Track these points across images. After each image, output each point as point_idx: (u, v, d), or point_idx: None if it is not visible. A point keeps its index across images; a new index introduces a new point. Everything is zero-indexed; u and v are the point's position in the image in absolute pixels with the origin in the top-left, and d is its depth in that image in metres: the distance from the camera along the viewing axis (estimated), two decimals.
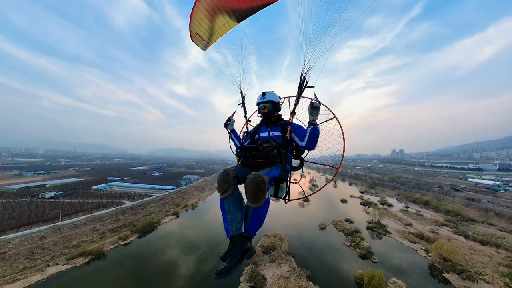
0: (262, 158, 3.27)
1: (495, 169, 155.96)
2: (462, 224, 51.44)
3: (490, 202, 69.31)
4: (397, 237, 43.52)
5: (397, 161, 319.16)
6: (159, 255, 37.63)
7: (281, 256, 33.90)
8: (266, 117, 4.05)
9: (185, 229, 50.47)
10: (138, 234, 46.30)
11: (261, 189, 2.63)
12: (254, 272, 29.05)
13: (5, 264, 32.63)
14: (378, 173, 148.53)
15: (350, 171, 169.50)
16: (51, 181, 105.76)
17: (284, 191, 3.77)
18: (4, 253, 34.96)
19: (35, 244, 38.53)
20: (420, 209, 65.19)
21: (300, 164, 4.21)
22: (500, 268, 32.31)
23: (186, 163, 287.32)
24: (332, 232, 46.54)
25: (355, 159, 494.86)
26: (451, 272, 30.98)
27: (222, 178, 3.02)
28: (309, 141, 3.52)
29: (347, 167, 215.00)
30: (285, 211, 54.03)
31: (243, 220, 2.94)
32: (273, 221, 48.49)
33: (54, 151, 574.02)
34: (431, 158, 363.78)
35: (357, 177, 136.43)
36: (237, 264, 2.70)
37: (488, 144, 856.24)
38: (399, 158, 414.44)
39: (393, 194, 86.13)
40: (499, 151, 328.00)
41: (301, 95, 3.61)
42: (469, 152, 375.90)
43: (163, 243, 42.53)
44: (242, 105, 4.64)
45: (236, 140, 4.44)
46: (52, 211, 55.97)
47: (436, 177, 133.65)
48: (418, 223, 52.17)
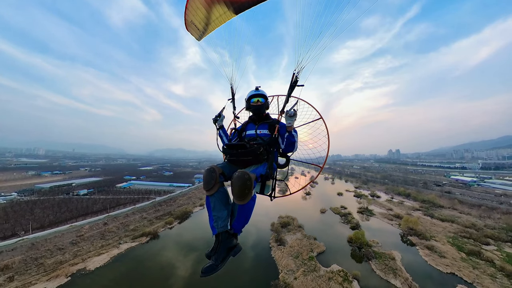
0: (249, 155, 3.27)
1: (478, 167, 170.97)
2: (432, 209, 65.28)
3: (462, 194, 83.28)
4: (380, 217, 57.30)
5: (392, 161, 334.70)
6: (200, 234, 46.29)
7: (295, 228, 47.21)
8: (257, 112, 4.06)
9: None
10: (178, 221, 58.75)
11: (247, 186, 2.62)
12: (278, 237, 42.20)
13: (86, 243, 44.80)
14: (372, 172, 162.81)
15: (347, 170, 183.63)
16: (76, 180, 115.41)
17: (270, 188, 3.80)
18: (82, 235, 47.31)
19: (102, 229, 50.85)
20: (402, 200, 79.07)
21: (286, 162, 4.19)
22: (448, 234, 46.03)
23: (189, 163, 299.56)
24: (330, 215, 60.14)
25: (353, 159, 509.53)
26: (413, 236, 44.55)
27: (208, 175, 3.00)
28: (286, 146, 3.66)
29: (344, 166, 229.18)
30: (292, 201, 67.32)
31: (229, 217, 2.94)
32: (283, 208, 61.44)
33: (54, 152, 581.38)
34: (426, 158, 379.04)
35: (352, 175, 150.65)
36: (223, 261, 2.68)
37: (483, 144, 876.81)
38: (395, 158, 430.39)
39: (383, 188, 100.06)
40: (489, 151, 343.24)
41: (291, 94, 3.68)
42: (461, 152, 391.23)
43: (200, 227, 51.13)
44: (231, 100, 4.56)
45: (224, 137, 4.33)
46: (95, 205, 66.20)
47: (424, 175, 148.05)
48: (398, 208, 65.86)
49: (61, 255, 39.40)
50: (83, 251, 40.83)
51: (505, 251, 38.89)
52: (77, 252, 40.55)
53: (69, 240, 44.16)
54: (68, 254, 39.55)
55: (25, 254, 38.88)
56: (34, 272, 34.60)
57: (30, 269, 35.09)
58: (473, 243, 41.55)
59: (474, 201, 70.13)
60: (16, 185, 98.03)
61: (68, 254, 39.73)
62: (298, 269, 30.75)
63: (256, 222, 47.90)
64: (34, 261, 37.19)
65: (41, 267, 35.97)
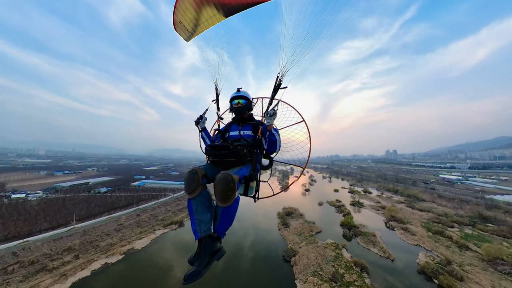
0: (232, 157, 3.25)
1: (467, 167, 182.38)
2: (415, 202, 75.58)
3: (444, 190, 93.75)
4: (369, 208, 67.59)
5: (389, 161, 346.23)
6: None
7: (297, 216, 57.29)
8: (238, 113, 4.05)
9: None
10: None
11: (230, 188, 2.57)
12: (284, 222, 52.17)
13: (127, 230, 54.31)
14: (367, 171, 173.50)
15: (344, 170, 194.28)
16: (91, 179, 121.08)
17: (253, 190, 3.82)
18: (122, 224, 56.81)
19: (136, 219, 60.43)
20: (391, 195, 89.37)
21: (269, 163, 4.22)
22: (422, 220, 56.39)
23: (191, 163, 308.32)
24: (327, 206, 70.34)
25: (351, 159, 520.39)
26: (394, 221, 54.70)
27: (190, 177, 2.92)
28: (268, 146, 3.70)
29: (342, 166, 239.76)
30: (293, 196, 77.42)
31: (212, 220, 2.86)
32: (286, 201, 71.33)
33: (55, 152, 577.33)
34: (422, 159, 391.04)
35: (349, 175, 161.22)
36: (206, 266, 2.60)
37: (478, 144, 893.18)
38: (392, 159, 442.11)
39: (375, 186, 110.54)
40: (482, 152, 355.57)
41: (274, 96, 3.73)
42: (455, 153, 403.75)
43: None
44: (216, 101, 4.59)
45: (207, 139, 4.32)
46: (119, 201, 74.54)
47: (415, 174, 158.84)
48: (386, 202, 76.10)
49: (109, 239, 48.94)
50: (126, 236, 50.43)
51: (464, 231, 49.18)
52: (121, 237, 50.10)
53: (113, 228, 53.71)
54: (115, 238, 49.12)
55: (81, 238, 48.35)
56: (93, 251, 44.08)
57: (89, 250, 44.57)
58: (440, 226, 51.74)
59: (452, 196, 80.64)
60: (35, 184, 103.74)
61: (115, 238, 49.30)
62: (302, 242, 40.83)
63: (265, 212, 57.94)
64: (90, 244, 46.70)
65: (97, 248, 45.48)
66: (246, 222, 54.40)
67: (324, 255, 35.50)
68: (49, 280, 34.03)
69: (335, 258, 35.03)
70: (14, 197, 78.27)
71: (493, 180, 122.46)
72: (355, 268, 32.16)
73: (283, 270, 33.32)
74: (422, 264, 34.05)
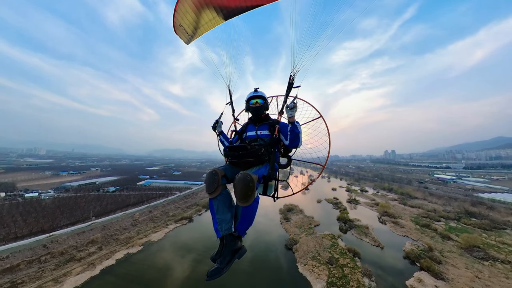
0: (251, 157, 3.31)
1: (461, 167, 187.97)
2: (407, 199, 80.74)
3: (437, 189, 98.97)
4: (364, 205, 72.74)
5: (387, 161, 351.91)
6: None
7: (297, 212, 62.39)
8: (256, 113, 4.12)
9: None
10: (205, 209, 73.00)
11: (250, 188, 2.64)
12: (285, 217, 57.21)
13: (142, 225, 58.95)
14: (365, 171, 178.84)
15: (342, 170, 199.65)
16: (98, 179, 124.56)
17: (272, 189, 3.86)
18: (136, 219, 61.60)
19: (149, 215, 65.30)
20: (386, 193, 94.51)
21: (288, 162, 4.25)
22: (412, 215, 61.49)
23: (192, 163, 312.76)
24: (325, 204, 75.52)
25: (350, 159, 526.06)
26: (386, 216, 59.76)
27: (210, 178, 3.04)
28: (291, 140, 3.68)
29: (341, 166, 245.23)
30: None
31: (232, 219, 2.95)
32: (287, 199, 76.21)
33: (55, 152, 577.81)
34: (420, 159, 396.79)
35: (347, 174, 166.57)
36: (228, 264, 2.70)
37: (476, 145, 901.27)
38: (390, 159, 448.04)
39: (371, 185, 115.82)
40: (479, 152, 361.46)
41: (289, 94, 3.74)
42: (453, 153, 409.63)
43: None
44: (230, 103, 4.64)
45: (225, 142, 4.37)
46: (129, 199, 77.68)
47: (411, 174, 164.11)
48: (380, 199, 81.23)
49: (127, 232, 53.76)
50: (142, 230, 55.26)
51: (449, 225, 54.31)
52: (138, 231, 54.92)
53: (129, 223, 58.54)
54: (133, 232, 53.93)
55: (102, 232, 53.12)
56: (114, 244, 48.84)
57: (111, 242, 49.33)
58: (428, 220, 56.82)
59: (442, 194, 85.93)
60: (43, 184, 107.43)
61: (132, 232, 54.12)
62: (302, 233, 45.91)
63: (267, 207, 62.85)
64: (111, 237, 51.49)
65: (118, 240, 50.26)
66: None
67: (322, 244, 40.53)
68: (79, 268, 38.70)
69: (331, 246, 40.07)
70: (28, 196, 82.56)
71: (484, 179, 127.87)
72: (348, 254, 37.21)
73: (286, 256, 38.39)
74: (407, 251, 39.12)
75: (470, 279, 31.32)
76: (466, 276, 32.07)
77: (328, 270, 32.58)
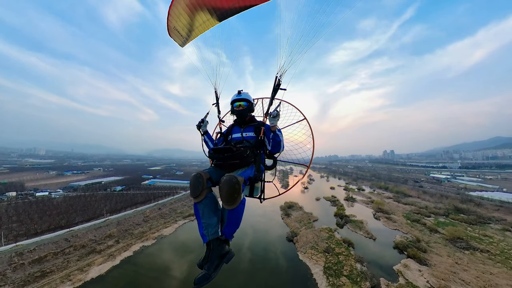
0: (236, 159, 3.27)
1: (457, 167, 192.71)
2: (402, 197, 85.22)
3: (431, 188, 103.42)
4: (360, 203, 77.17)
5: (385, 161, 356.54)
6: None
7: (297, 208, 66.74)
8: (240, 116, 4.10)
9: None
10: None
11: (236, 190, 2.62)
12: (286, 213, 61.56)
13: (153, 221, 63.12)
14: (363, 171, 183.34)
15: (341, 169, 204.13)
16: (103, 179, 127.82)
17: (259, 190, 3.90)
18: (147, 216, 65.79)
19: (158, 212, 69.55)
20: (382, 192, 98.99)
21: (273, 163, 4.29)
22: (405, 211, 65.91)
23: (192, 163, 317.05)
24: (323, 201, 79.90)
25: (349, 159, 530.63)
26: (380, 212, 64.17)
27: (195, 181, 2.97)
28: (273, 146, 3.72)
29: (339, 166, 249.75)
30: (293, 193, 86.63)
31: (219, 223, 2.89)
32: (287, 197, 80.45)
33: (54, 152, 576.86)
34: (418, 159, 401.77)
35: (345, 174, 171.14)
36: (216, 269, 2.63)
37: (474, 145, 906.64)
38: (388, 159, 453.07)
39: (368, 184, 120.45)
40: (476, 152, 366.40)
41: (274, 96, 3.76)
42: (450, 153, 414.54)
43: None
44: (216, 105, 4.65)
45: (209, 142, 4.39)
46: (136, 198, 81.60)
47: (408, 173, 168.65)
48: (376, 197, 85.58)
49: (140, 228, 57.98)
50: (153, 225, 59.48)
51: (438, 220, 58.71)
52: (150, 226, 59.14)
53: (141, 219, 62.80)
54: (145, 227, 58.15)
55: (117, 227, 57.34)
56: (129, 237, 53.01)
57: (126, 236, 53.49)
58: (419, 216, 61.19)
59: (435, 192, 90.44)
60: (50, 184, 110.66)
61: (145, 227, 58.34)
62: (301, 227, 50.30)
63: (269, 205, 67.16)
64: (126, 232, 55.69)
65: (132, 235, 54.44)
66: (256, 211, 64.35)
67: (320, 236, 44.91)
68: (100, 259, 42.79)
69: (328, 237, 44.44)
70: (39, 195, 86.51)
71: (478, 179, 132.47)
72: (343, 244, 41.54)
73: (287, 246, 42.77)
74: (397, 242, 43.45)
75: (450, 265, 35.67)
76: (447, 263, 36.42)
77: (325, 258, 36.89)
